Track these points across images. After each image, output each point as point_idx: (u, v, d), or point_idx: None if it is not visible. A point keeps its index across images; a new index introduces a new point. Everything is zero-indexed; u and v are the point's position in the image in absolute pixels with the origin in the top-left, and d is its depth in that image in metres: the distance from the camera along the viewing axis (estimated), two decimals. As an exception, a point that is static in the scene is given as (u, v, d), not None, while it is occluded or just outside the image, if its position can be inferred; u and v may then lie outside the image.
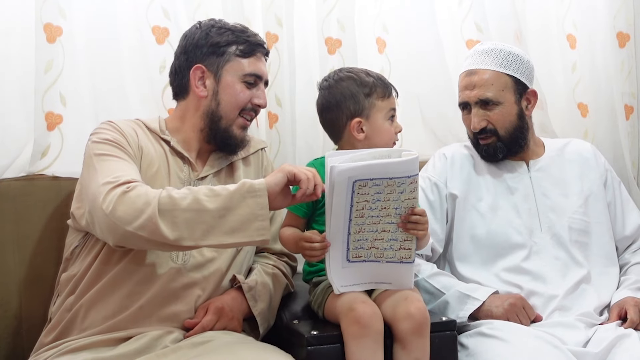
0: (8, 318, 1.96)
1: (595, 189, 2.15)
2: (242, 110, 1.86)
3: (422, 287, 1.99)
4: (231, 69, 1.84)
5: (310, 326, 1.76)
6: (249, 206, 1.58)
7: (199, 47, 1.84)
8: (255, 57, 1.87)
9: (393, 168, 1.59)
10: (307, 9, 2.38)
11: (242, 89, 1.84)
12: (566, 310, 1.95)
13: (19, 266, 1.96)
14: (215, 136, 1.86)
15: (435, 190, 2.13)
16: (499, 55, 2.11)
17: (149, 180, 1.75)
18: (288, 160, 2.31)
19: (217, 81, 1.84)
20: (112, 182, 1.60)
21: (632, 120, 2.63)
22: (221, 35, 1.84)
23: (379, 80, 1.89)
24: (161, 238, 1.55)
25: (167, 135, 1.86)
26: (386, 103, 1.88)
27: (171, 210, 1.56)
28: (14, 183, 2.03)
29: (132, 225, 1.55)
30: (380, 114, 1.87)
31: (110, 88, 2.19)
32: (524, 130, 2.13)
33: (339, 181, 1.57)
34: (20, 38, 2.11)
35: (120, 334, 1.66)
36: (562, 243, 2.06)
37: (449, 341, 1.75)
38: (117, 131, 1.78)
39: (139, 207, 1.55)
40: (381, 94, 1.87)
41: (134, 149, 1.77)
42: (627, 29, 2.59)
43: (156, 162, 1.80)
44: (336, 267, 1.68)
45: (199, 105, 1.85)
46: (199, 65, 1.83)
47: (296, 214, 1.86)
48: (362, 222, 1.64)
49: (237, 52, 1.84)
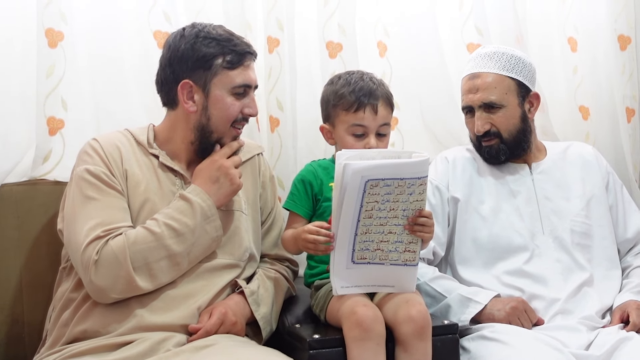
0: (9, 323, 1.96)
1: (597, 191, 2.15)
2: (234, 122, 1.82)
3: (423, 291, 1.99)
4: (219, 83, 1.78)
5: (312, 330, 1.76)
6: (208, 233, 1.75)
7: (184, 60, 1.78)
8: (244, 66, 1.80)
9: (406, 169, 1.60)
10: (308, 13, 2.38)
11: (232, 101, 1.79)
12: (568, 314, 1.95)
13: (20, 271, 1.96)
14: (207, 149, 1.83)
15: (437, 193, 2.13)
16: (501, 58, 2.11)
17: (138, 201, 1.76)
18: (289, 164, 2.32)
19: (206, 96, 1.78)
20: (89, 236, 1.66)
21: (634, 123, 2.63)
22: (207, 47, 1.77)
23: (357, 92, 1.82)
24: (142, 290, 1.68)
25: (155, 149, 1.83)
26: (350, 117, 1.83)
27: (146, 265, 1.67)
28: (15, 188, 2.03)
29: (114, 291, 1.66)
30: (342, 127, 1.85)
31: (111, 92, 2.19)
32: (526, 133, 2.13)
33: (352, 179, 1.57)
34: (22, 43, 2.11)
35: (122, 338, 1.66)
36: (564, 246, 2.06)
37: (451, 345, 1.76)
38: (101, 160, 1.77)
39: (114, 274, 1.65)
40: (346, 107, 1.83)
41: (118, 176, 1.76)
42: (628, 31, 2.60)
43: (143, 181, 1.78)
44: (340, 267, 1.68)
45: (189, 118, 1.81)
46: (187, 81, 1.78)
47: (297, 212, 1.86)
48: (369, 223, 1.64)
49: (225, 64, 1.77)
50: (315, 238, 1.68)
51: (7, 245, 1.97)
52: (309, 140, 2.38)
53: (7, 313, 1.96)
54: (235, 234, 1.85)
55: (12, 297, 1.96)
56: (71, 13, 2.14)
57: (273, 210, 2.01)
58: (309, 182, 1.87)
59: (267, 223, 2.00)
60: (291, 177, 2.27)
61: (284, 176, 2.32)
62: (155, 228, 1.69)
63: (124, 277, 1.65)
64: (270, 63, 2.30)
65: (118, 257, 1.64)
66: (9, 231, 1.98)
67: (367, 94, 1.82)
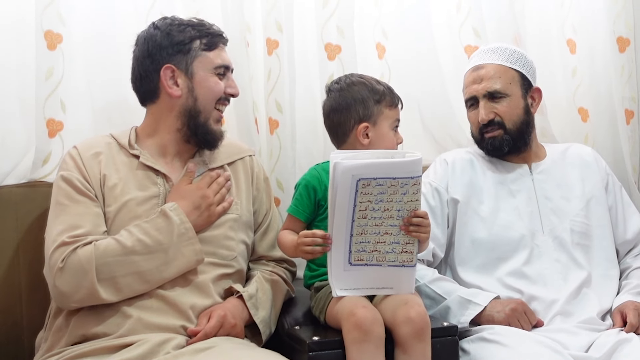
0: (8, 325, 1.96)
1: (596, 192, 2.15)
2: (217, 102, 1.87)
3: (423, 293, 1.99)
4: (201, 64, 1.83)
5: (312, 332, 1.76)
6: (185, 256, 1.74)
7: (163, 48, 1.83)
8: (219, 48, 1.87)
9: (397, 168, 1.61)
10: (307, 14, 2.38)
11: (216, 81, 1.85)
12: (568, 316, 1.95)
13: (19, 273, 1.96)
14: (195, 133, 1.85)
15: (436, 195, 2.13)
16: (505, 52, 2.14)
17: (116, 205, 1.77)
18: (288, 166, 2.31)
19: (190, 78, 1.83)
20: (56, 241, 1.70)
21: (633, 125, 2.63)
22: (183, 33, 1.84)
23: (388, 89, 1.92)
24: (106, 301, 1.68)
25: (136, 150, 1.85)
26: (393, 112, 1.91)
27: (112, 278, 1.67)
28: (15, 189, 2.03)
29: (74, 299, 1.68)
30: (387, 122, 1.90)
31: (109, 93, 2.19)
32: (529, 126, 2.14)
33: (343, 178, 1.58)
34: (20, 45, 2.11)
35: (122, 340, 1.66)
36: (564, 245, 2.06)
37: (450, 346, 1.76)
38: (75, 166, 1.80)
39: (77, 283, 1.67)
40: (389, 103, 1.90)
41: (94, 182, 1.79)
42: (627, 33, 2.60)
43: (120, 184, 1.80)
44: (337, 269, 1.67)
45: (173, 105, 1.84)
46: (169, 65, 1.82)
47: (297, 217, 1.87)
48: (364, 224, 1.64)
49: (202, 46, 1.84)
50: (314, 240, 1.68)
51: (6, 247, 1.98)
52: (307, 142, 2.38)
53: (6, 315, 1.96)
54: (223, 235, 1.84)
55: (11, 299, 1.97)
56: (69, 15, 2.14)
57: (269, 213, 2.01)
58: (312, 187, 1.88)
59: (263, 225, 1.99)
60: (290, 178, 2.28)
61: (283, 178, 2.31)
62: (127, 242, 1.70)
63: (87, 287, 1.66)
64: (270, 65, 2.29)
65: (84, 267, 1.66)
66: (8, 233, 1.98)
67: (394, 91, 1.94)
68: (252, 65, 2.32)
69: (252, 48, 2.32)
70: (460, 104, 2.33)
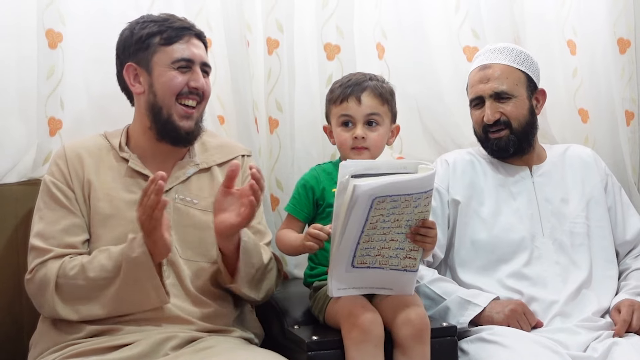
0: (8, 323, 1.96)
1: (596, 193, 2.15)
2: (179, 96, 1.81)
3: (422, 293, 1.99)
4: (159, 60, 1.80)
5: (311, 331, 1.76)
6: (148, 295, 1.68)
7: (127, 46, 1.83)
8: (182, 41, 1.82)
9: (413, 184, 1.58)
10: (307, 14, 2.38)
11: (175, 74, 1.81)
12: (567, 317, 1.95)
13: (19, 271, 1.95)
14: (162, 130, 1.82)
15: (437, 196, 2.12)
16: (511, 52, 2.14)
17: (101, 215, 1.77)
18: (288, 165, 2.31)
19: (149, 74, 1.81)
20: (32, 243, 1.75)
21: (633, 126, 2.63)
22: (144, 29, 1.82)
23: (344, 85, 1.88)
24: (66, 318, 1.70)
25: (125, 153, 1.84)
26: (338, 109, 1.88)
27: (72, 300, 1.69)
28: (15, 187, 2.04)
29: (42, 310, 1.73)
30: (334, 121, 1.90)
31: (108, 93, 2.18)
32: (534, 128, 2.14)
33: (361, 200, 1.55)
34: (20, 43, 2.11)
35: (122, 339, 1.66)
36: (564, 248, 2.06)
37: (450, 347, 1.76)
38: (62, 176, 1.80)
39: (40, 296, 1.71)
40: (334, 99, 1.89)
41: (77, 188, 1.79)
42: (627, 34, 2.59)
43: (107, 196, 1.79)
44: (339, 271, 1.66)
45: (140, 103, 1.84)
46: (130, 63, 1.82)
47: (296, 217, 1.87)
48: (372, 233, 1.62)
49: (162, 41, 1.80)
50: (318, 234, 1.68)
51: (5, 245, 1.98)
52: (306, 141, 2.38)
53: (6, 313, 1.96)
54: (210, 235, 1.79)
55: (11, 297, 1.96)
56: (69, 14, 2.14)
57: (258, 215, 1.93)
58: (310, 187, 1.88)
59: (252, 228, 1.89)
60: (290, 178, 2.28)
61: (282, 177, 2.31)
62: (90, 272, 1.68)
63: (47, 302, 1.70)
64: (270, 64, 2.29)
65: (49, 283, 1.69)
66: (7, 230, 1.99)
67: (353, 86, 1.87)
68: (253, 65, 2.31)
69: (253, 48, 2.32)
70: (460, 104, 2.33)
